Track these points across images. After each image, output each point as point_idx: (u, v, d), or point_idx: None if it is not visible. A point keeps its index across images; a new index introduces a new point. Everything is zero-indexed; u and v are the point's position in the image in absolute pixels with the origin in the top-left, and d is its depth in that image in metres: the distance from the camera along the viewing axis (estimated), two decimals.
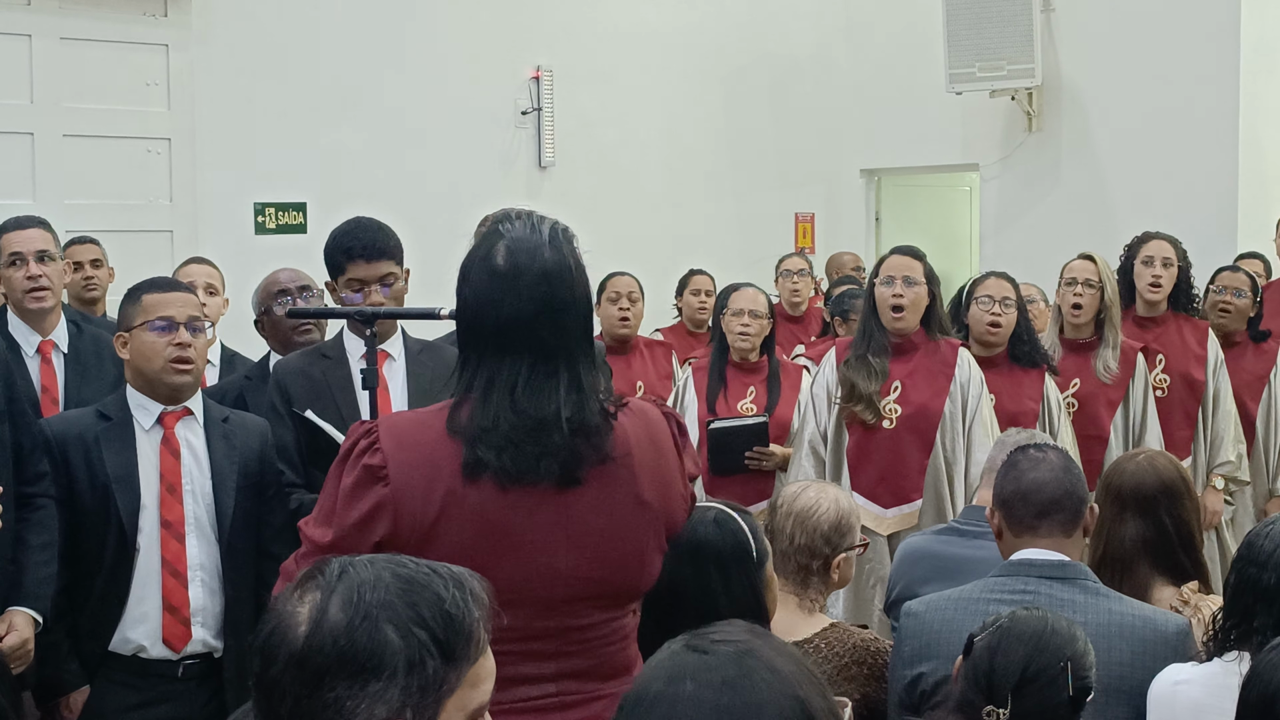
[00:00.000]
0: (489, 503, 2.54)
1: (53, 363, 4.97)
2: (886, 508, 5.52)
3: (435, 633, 1.69)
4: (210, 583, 3.96)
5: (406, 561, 1.76)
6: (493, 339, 2.59)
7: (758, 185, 10.58)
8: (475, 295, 2.62)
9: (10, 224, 5.11)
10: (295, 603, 1.71)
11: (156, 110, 7.50)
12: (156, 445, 3.95)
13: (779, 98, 10.69)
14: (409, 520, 2.52)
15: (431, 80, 8.51)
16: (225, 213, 7.74)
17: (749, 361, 6.16)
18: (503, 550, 2.55)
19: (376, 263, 4.25)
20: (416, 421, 2.61)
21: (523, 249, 2.62)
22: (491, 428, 2.54)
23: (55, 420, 4.13)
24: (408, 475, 2.52)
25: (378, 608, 1.68)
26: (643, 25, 9.67)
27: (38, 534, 3.77)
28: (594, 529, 2.63)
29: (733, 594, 3.02)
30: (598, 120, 9.40)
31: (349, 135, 8.15)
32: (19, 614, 3.67)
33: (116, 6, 7.29)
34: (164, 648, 3.90)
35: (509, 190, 8.41)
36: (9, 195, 6.80)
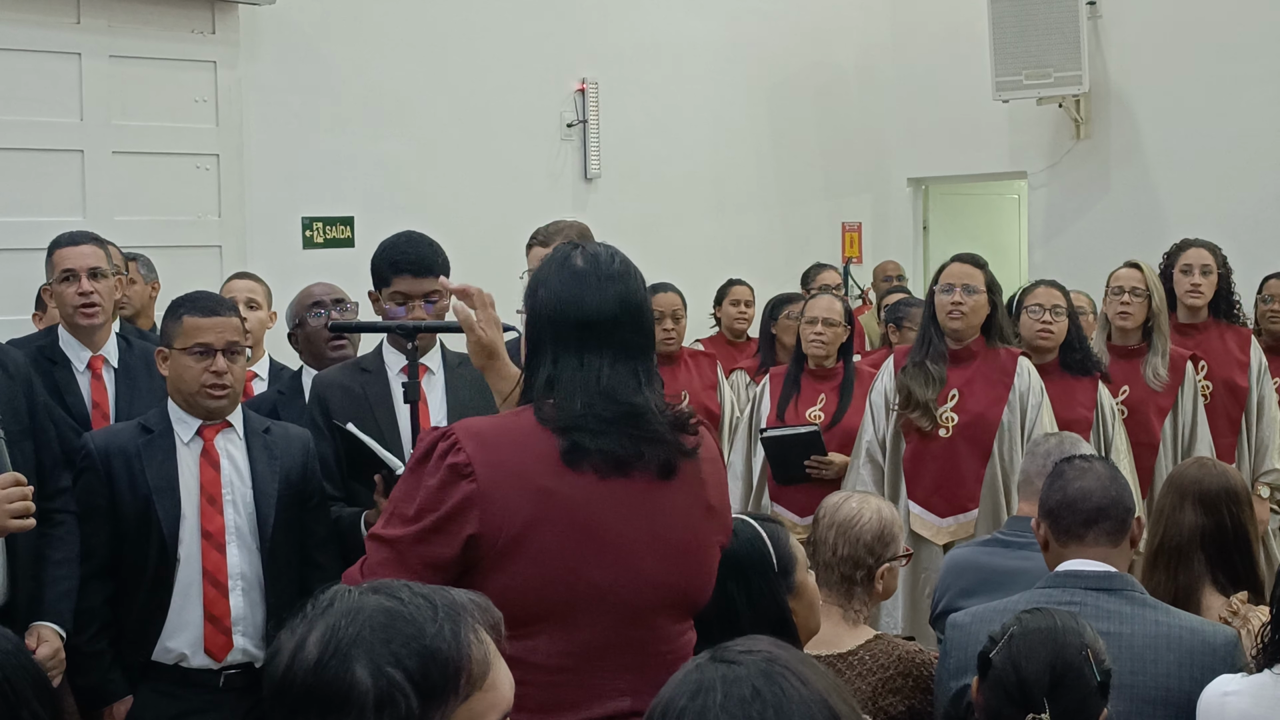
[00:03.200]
0: (585, 496, 2.56)
1: (103, 378, 4.99)
2: (942, 517, 5.49)
3: (410, 671, 1.63)
4: (251, 592, 3.99)
5: (401, 591, 1.71)
6: (574, 336, 2.64)
7: (804, 196, 10.56)
8: (555, 295, 2.67)
9: (63, 239, 5.13)
10: (288, 632, 1.69)
11: (205, 127, 7.54)
12: (196, 457, 3.99)
13: (825, 108, 10.67)
14: (497, 518, 2.52)
15: (478, 94, 8.53)
16: (273, 227, 7.78)
17: (824, 368, 6.18)
18: (593, 550, 2.56)
19: (423, 279, 4.26)
20: (497, 422, 2.63)
21: (599, 253, 2.72)
22: (587, 414, 2.58)
23: (99, 434, 4.17)
24: (494, 472, 2.53)
25: (350, 644, 1.64)
26: (688, 37, 9.66)
27: (58, 549, 3.81)
28: (675, 532, 2.66)
29: (754, 602, 3.01)
30: (643, 132, 9.40)
31: (395, 149, 8.18)
32: (44, 627, 3.70)
33: (165, 24, 7.34)
34: (205, 657, 3.93)
35: (555, 203, 8.41)
36: (60, 212, 6.85)
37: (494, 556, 2.51)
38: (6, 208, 6.65)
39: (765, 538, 3.09)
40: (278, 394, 5.04)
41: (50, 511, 3.68)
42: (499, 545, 2.51)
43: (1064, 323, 5.79)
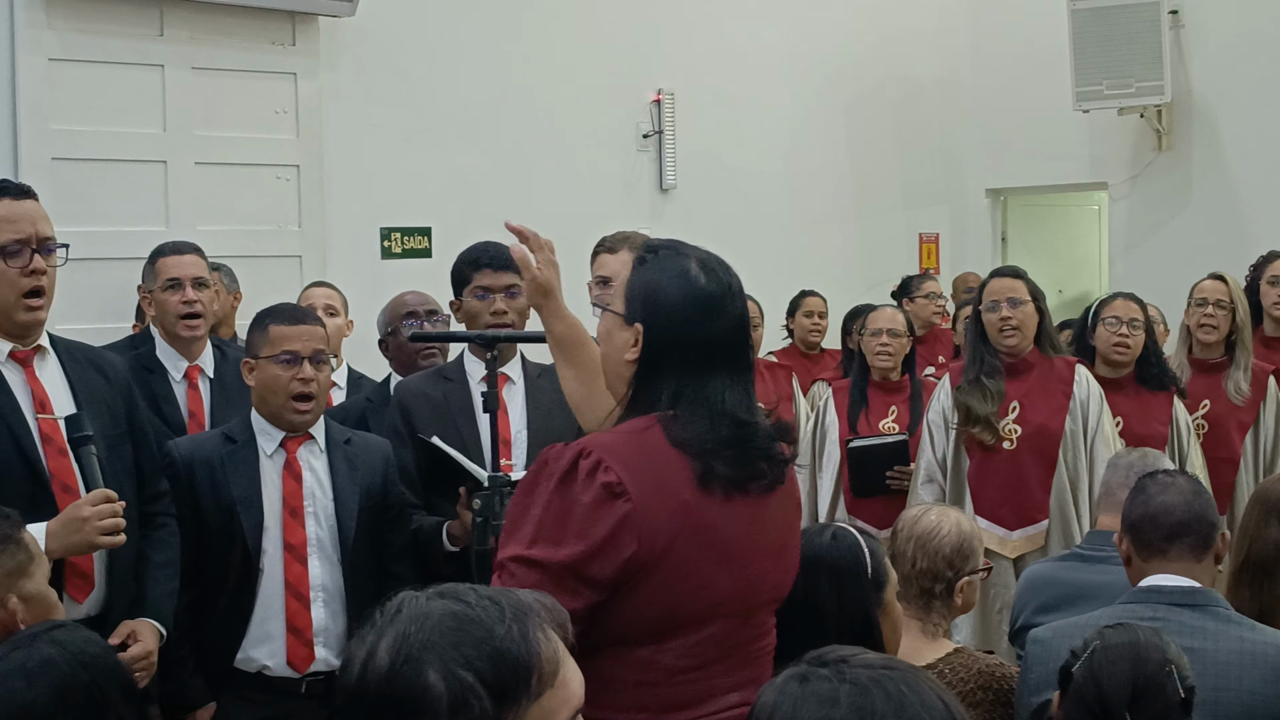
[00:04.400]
0: (716, 513, 2.60)
1: (199, 388, 5.04)
2: (1011, 529, 5.46)
3: (482, 673, 1.64)
4: (333, 604, 4.02)
5: (467, 594, 1.72)
6: (697, 354, 2.65)
7: (881, 207, 10.52)
8: (679, 310, 2.67)
9: (167, 248, 5.20)
10: (357, 641, 1.70)
11: (285, 137, 7.61)
12: (279, 469, 4.03)
13: (903, 118, 10.63)
14: (650, 537, 2.53)
15: (555, 104, 8.56)
16: (352, 238, 7.83)
17: (890, 381, 6.16)
18: (721, 563, 2.60)
19: (503, 272, 4.36)
20: (628, 439, 2.62)
21: (716, 268, 2.74)
22: (716, 437, 2.60)
23: (183, 442, 4.22)
24: (643, 489, 2.54)
25: (421, 649, 1.65)
26: (765, 48, 9.65)
27: (160, 551, 3.83)
28: (777, 534, 2.73)
29: (845, 608, 3.04)
30: (720, 143, 9.39)
31: (473, 159, 8.22)
32: (144, 624, 3.72)
33: (246, 36, 7.41)
34: (288, 668, 3.97)
35: (631, 213, 8.43)
36: (143, 222, 6.93)
37: (643, 574, 2.53)
38: (91, 218, 6.73)
39: (864, 547, 3.10)
40: (366, 402, 5.08)
41: (152, 514, 3.73)
42: (649, 562, 2.53)
43: (1141, 336, 5.74)
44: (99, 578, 3.67)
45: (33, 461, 3.56)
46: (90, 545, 3.40)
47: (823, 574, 3.00)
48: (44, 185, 4.80)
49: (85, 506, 3.41)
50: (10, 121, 6.74)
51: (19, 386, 3.63)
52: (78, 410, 3.64)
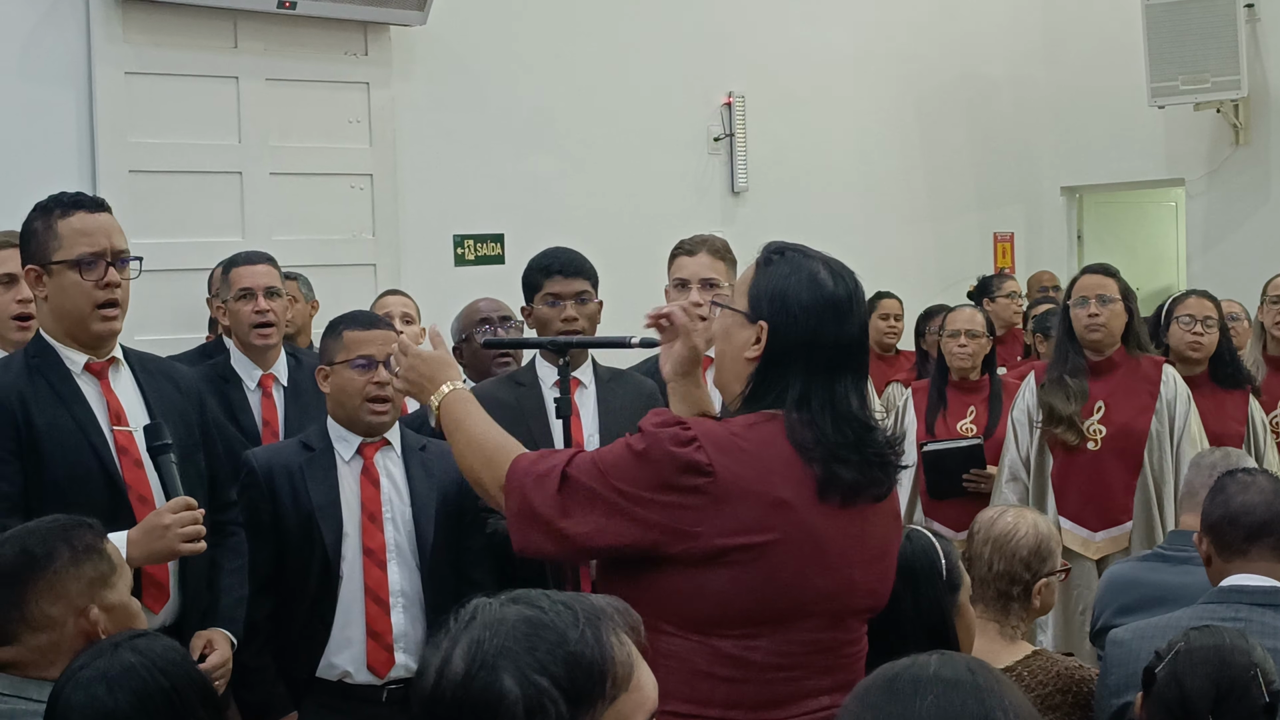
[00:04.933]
0: (818, 516, 2.62)
1: (273, 396, 5.09)
2: (1094, 531, 5.41)
3: (557, 677, 1.65)
4: (412, 609, 4.03)
5: (541, 600, 1.73)
6: (826, 358, 2.68)
7: (955, 206, 10.46)
8: (809, 313, 2.69)
9: (240, 258, 5.25)
10: (432, 648, 1.71)
11: (359, 147, 7.66)
12: (357, 475, 4.05)
13: (976, 117, 10.56)
14: (719, 522, 2.56)
15: (625, 109, 8.58)
16: (425, 245, 7.87)
17: (969, 381, 6.13)
18: (818, 564, 2.62)
19: (573, 279, 4.39)
20: (734, 431, 2.64)
21: (843, 272, 2.76)
22: (841, 441, 2.63)
23: (261, 451, 4.26)
24: (733, 479, 2.57)
25: (496, 655, 1.65)
26: (835, 49, 9.63)
27: (230, 559, 3.86)
28: (877, 541, 2.74)
29: (919, 610, 3.04)
30: (791, 145, 9.37)
31: (545, 166, 8.25)
32: (218, 633, 3.75)
33: (319, 47, 7.47)
34: (368, 673, 3.98)
35: (703, 216, 8.42)
36: (220, 233, 7.00)
37: (712, 554, 2.56)
38: (168, 229, 6.80)
39: (938, 549, 3.10)
40: None
41: (222, 524, 3.75)
42: (716, 546, 2.55)
43: (1215, 334, 5.68)
44: (173, 587, 3.71)
45: (110, 473, 3.60)
46: (172, 552, 3.44)
47: (898, 575, 2.99)
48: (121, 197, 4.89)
49: (166, 514, 3.44)
50: (88, 134, 6.83)
51: (95, 399, 3.67)
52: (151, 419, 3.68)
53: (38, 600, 2.73)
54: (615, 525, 2.59)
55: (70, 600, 2.74)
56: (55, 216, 3.64)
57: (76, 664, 2.49)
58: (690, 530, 2.56)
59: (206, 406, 4.01)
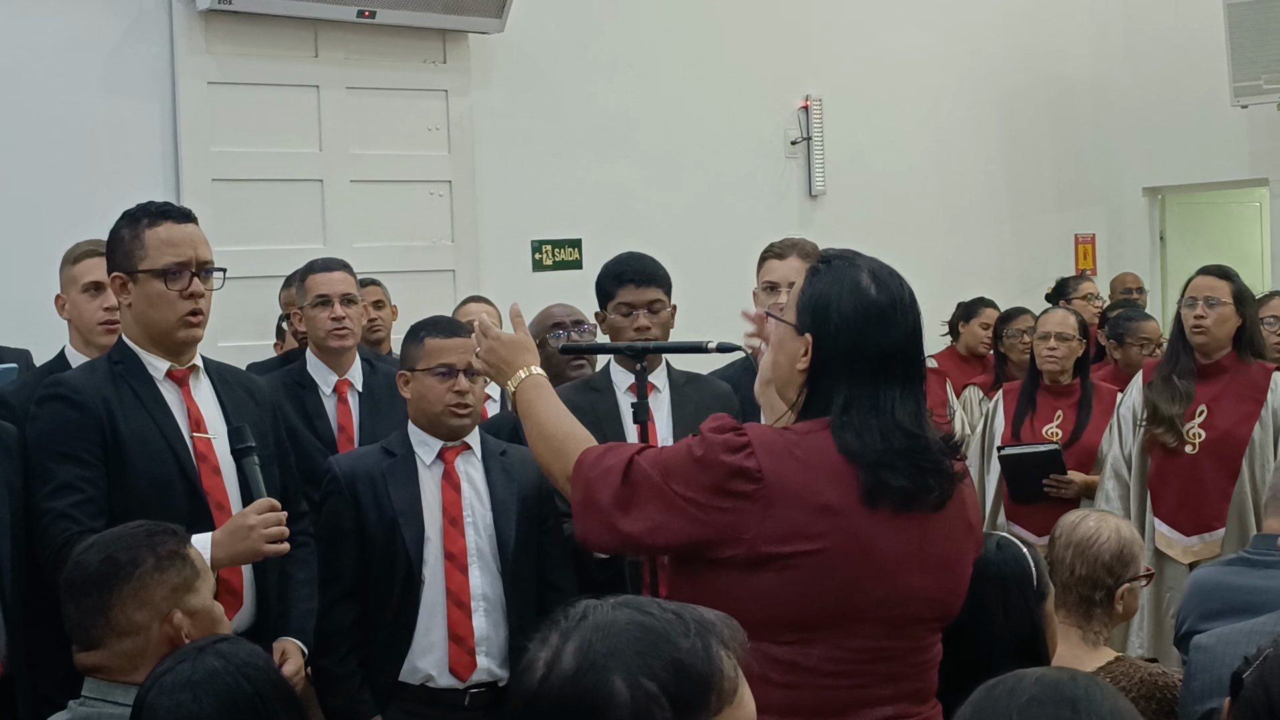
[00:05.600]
0: (877, 527, 2.59)
1: (348, 402, 5.13)
2: (1187, 535, 5.35)
3: (665, 684, 1.64)
4: (494, 613, 4.05)
5: (651, 606, 1.72)
6: (870, 368, 2.65)
7: (1036, 208, 10.38)
8: (851, 323, 2.67)
9: (317, 265, 5.31)
10: (538, 643, 1.70)
11: (438, 154, 7.71)
12: (438, 480, 4.07)
13: (1056, 118, 10.48)
14: (768, 528, 2.56)
15: (702, 113, 8.58)
16: (504, 251, 7.91)
17: (1060, 384, 6.07)
18: (870, 570, 2.60)
19: (645, 288, 4.39)
20: (787, 439, 2.63)
21: (889, 280, 2.73)
22: (887, 449, 2.60)
23: (343, 458, 4.29)
24: (782, 486, 2.56)
25: (606, 656, 1.64)
26: (913, 51, 9.58)
27: (301, 570, 3.89)
28: (940, 549, 2.70)
29: (1011, 620, 3.00)
30: (869, 148, 9.34)
31: (622, 170, 8.27)
32: (291, 643, 3.78)
33: (399, 56, 7.53)
34: (451, 677, 4.00)
35: (780, 220, 8.41)
36: (301, 240, 7.07)
37: (759, 559, 2.56)
38: (251, 236, 6.88)
39: (1029, 557, 3.08)
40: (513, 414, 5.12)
41: (293, 534, 3.77)
42: (765, 552, 2.55)
43: None
44: (248, 594, 3.75)
45: (191, 479, 3.64)
46: (256, 553, 3.47)
47: (989, 585, 2.96)
48: (204, 206, 4.94)
49: (251, 515, 3.48)
50: (172, 144, 6.92)
51: (176, 405, 3.71)
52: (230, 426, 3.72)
53: (123, 606, 2.76)
54: (670, 523, 2.60)
55: (154, 606, 2.77)
56: (143, 226, 3.69)
57: (161, 669, 2.52)
58: (739, 535, 2.56)
59: (280, 419, 4.05)
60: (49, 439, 3.59)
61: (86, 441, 3.56)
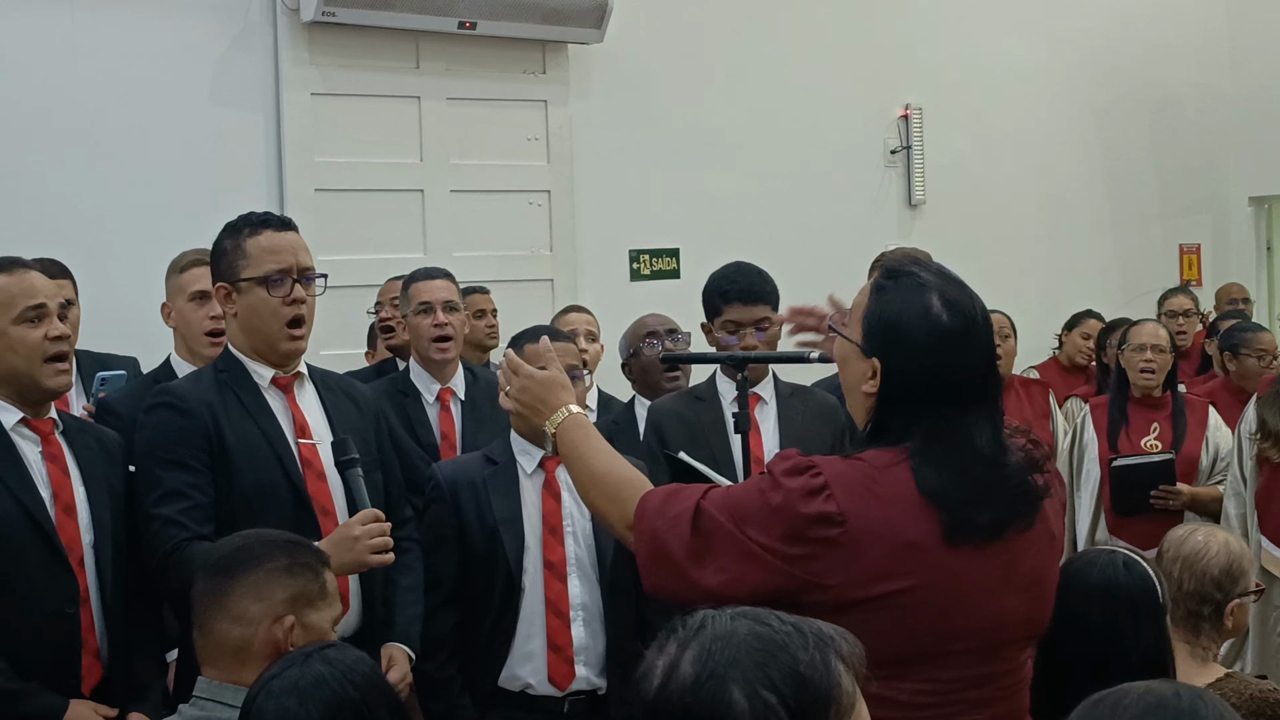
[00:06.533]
0: (963, 558, 2.49)
1: (451, 410, 5.17)
2: None
3: (785, 696, 1.62)
4: (592, 623, 4.05)
5: (770, 618, 1.70)
6: (941, 397, 2.54)
7: (1138, 217, 10.25)
8: (922, 354, 2.55)
9: (420, 274, 5.36)
10: (656, 652, 1.69)
11: (537, 164, 7.75)
12: (539, 488, 4.08)
13: (1159, 126, 10.34)
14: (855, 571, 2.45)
15: (800, 122, 8.55)
16: (601, 260, 7.94)
17: (1151, 397, 6.00)
18: (958, 601, 2.51)
19: (753, 306, 4.36)
20: (865, 475, 2.52)
21: (959, 300, 2.59)
22: (965, 483, 2.50)
23: (446, 465, 4.31)
24: (864, 526, 2.45)
25: (726, 666, 1.63)
26: (1013, 60, 9.50)
27: (406, 575, 3.92)
28: (1028, 569, 2.60)
29: (1140, 639, 2.95)
30: (969, 157, 9.27)
31: (720, 180, 8.26)
32: (397, 649, 3.81)
33: (499, 66, 7.58)
34: (550, 686, 4.00)
35: (880, 229, 8.37)
36: (402, 249, 7.13)
37: (844, 605, 2.44)
38: (352, 246, 6.95)
39: (1154, 576, 3.03)
40: (612, 424, 5.14)
41: (398, 540, 3.78)
42: (850, 597, 2.45)
43: None
44: (353, 600, 3.77)
45: (296, 485, 3.68)
46: (361, 564, 3.49)
47: (1121, 606, 2.92)
48: (307, 216, 5.00)
49: (356, 526, 3.51)
50: (275, 155, 7.01)
51: (281, 412, 3.76)
52: (333, 435, 3.75)
53: (242, 593, 2.80)
54: (750, 574, 2.46)
55: (271, 604, 2.80)
56: (244, 235, 3.73)
57: (269, 673, 2.54)
58: (822, 582, 2.44)
59: (384, 425, 4.07)
60: (157, 446, 3.64)
61: (193, 449, 3.61)
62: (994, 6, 9.45)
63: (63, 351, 3.61)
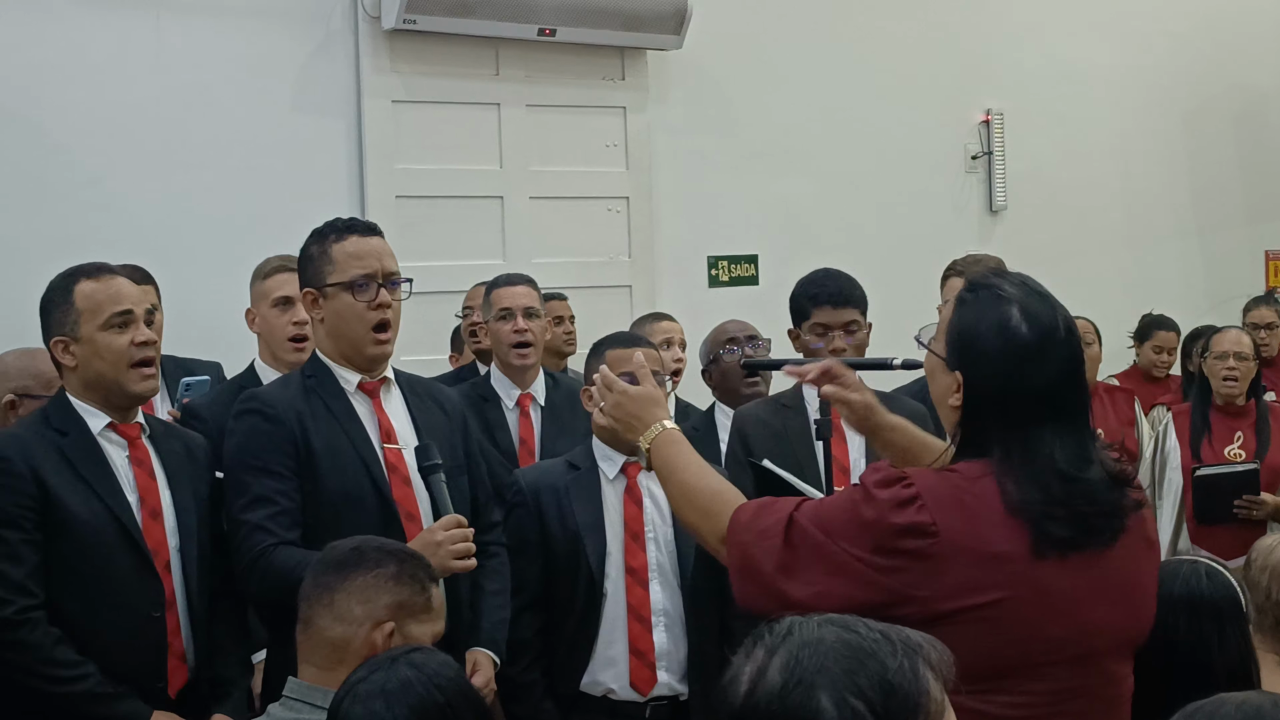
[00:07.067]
0: (1052, 570, 2.48)
1: (530, 416, 5.19)
2: None
3: (873, 704, 1.61)
4: (674, 629, 4.05)
5: (858, 625, 1.69)
6: (1020, 408, 2.53)
7: (1224, 223, 10.12)
8: (997, 367, 2.55)
9: (501, 280, 5.38)
10: (743, 659, 1.69)
11: (616, 170, 7.76)
12: (621, 494, 4.09)
13: (1245, 130, 10.20)
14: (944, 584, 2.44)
15: (880, 128, 8.51)
16: (680, 267, 7.93)
17: (1235, 405, 5.93)
18: (1048, 614, 2.49)
19: (841, 309, 4.35)
20: (955, 487, 2.51)
21: (1040, 314, 2.57)
22: (1050, 501, 2.48)
23: (528, 470, 4.34)
24: (954, 538, 2.45)
25: (814, 673, 1.62)
26: (1096, 64, 9.40)
27: (493, 580, 3.92)
28: (1123, 577, 2.58)
29: (1226, 651, 2.91)
30: (1050, 162, 9.19)
31: (799, 186, 8.23)
32: (482, 654, 3.81)
33: (578, 73, 7.59)
34: (632, 691, 4.02)
35: (960, 236, 8.31)
36: (482, 256, 7.16)
37: (934, 618, 2.41)
38: (432, 252, 6.97)
39: (1237, 586, 2.99)
40: (692, 430, 5.13)
41: (485, 544, 3.79)
42: (940, 609, 2.44)
43: None
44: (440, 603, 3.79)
45: (382, 490, 3.69)
46: (444, 569, 3.49)
47: (1205, 618, 2.89)
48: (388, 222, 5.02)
49: (439, 531, 3.52)
50: (357, 161, 7.07)
51: (367, 417, 3.78)
52: (419, 440, 3.77)
53: (349, 594, 2.85)
54: (837, 586, 2.46)
55: (374, 608, 2.84)
56: (330, 241, 3.76)
57: (355, 676, 2.55)
58: (912, 594, 2.43)
59: (470, 429, 4.09)
60: (244, 452, 3.67)
61: (281, 454, 3.64)
62: (1076, 9, 9.36)
63: (149, 357, 3.66)
